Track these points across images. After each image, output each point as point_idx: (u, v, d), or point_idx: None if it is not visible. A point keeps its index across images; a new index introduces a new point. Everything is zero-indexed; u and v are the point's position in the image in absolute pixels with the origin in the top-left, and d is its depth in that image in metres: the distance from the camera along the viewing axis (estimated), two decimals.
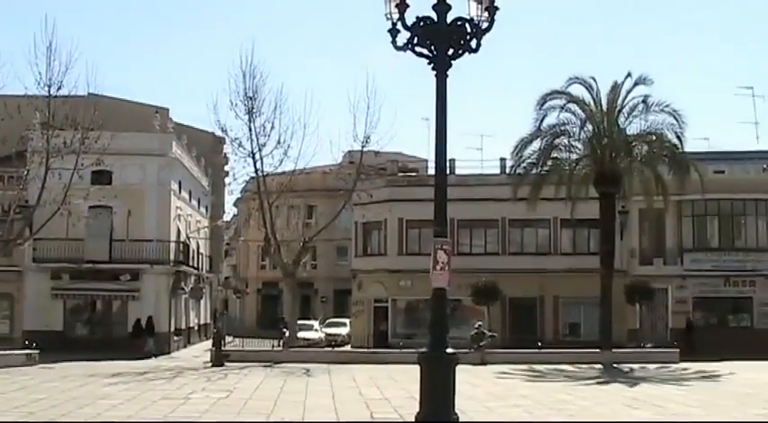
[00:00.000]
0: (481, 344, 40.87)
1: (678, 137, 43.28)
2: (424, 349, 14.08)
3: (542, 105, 43.57)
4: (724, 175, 52.51)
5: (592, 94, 44.39)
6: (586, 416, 19.90)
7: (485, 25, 14.09)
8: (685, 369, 35.98)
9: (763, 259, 52.08)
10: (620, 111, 44.36)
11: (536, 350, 41.74)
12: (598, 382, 30.37)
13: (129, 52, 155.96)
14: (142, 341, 48.16)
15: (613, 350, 41.44)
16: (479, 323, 44.49)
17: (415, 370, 13.89)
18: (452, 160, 54.71)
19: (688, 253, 52.65)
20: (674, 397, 24.56)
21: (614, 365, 37.69)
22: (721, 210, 52.82)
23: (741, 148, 56.86)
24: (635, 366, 37.20)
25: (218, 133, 49.82)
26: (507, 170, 49.28)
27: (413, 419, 13.96)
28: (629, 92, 44.30)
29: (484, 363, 37.62)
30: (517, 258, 54.48)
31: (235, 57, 62.37)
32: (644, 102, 43.58)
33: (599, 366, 37.19)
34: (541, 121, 43.78)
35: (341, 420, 18.49)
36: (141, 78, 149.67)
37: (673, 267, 52.54)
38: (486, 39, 14.12)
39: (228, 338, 49.59)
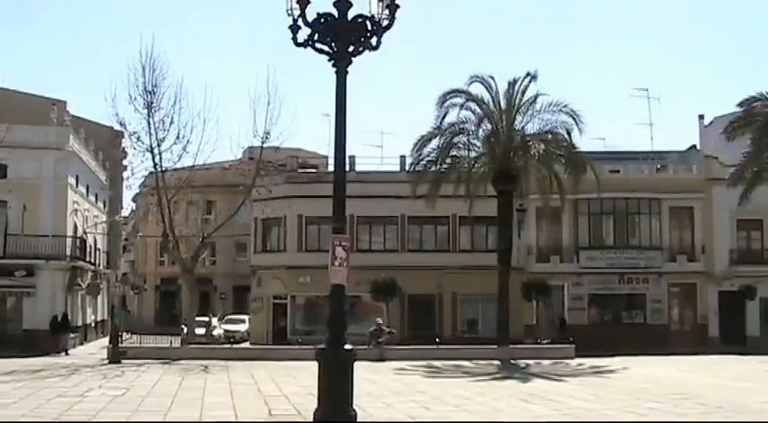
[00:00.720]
0: (380, 340, 41.01)
1: (571, 135, 44.00)
2: (322, 346, 14.10)
3: (443, 103, 43.88)
4: (619, 174, 53.66)
5: (491, 93, 44.84)
6: (483, 411, 20.11)
7: (385, 23, 14.16)
8: (580, 364, 36.59)
9: (656, 257, 53.28)
10: (517, 110, 44.84)
11: (434, 346, 41.97)
12: (495, 378, 30.68)
13: (25, 43, 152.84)
14: (57, 338, 47.67)
15: (510, 346, 41.93)
16: (378, 320, 44.67)
17: (314, 366, 13.90)
18: (352, 157, 54.85)
19: (584, 251, 53.57)
20: (570, 392, 24.95)
21: (511, 361, 38.10)
22: (616, 208, 53.81)
23: (636, 148, 58.24)
24: (531, 362, 37.67)
25: (117, 127, 49.09)
26: (407, 167, 49.57)
27: (311, 416, 13.97)
28: (525, 91, 44.88)
29: (382, 359, 37.73)
30: (416, 255, 54.83)
31: (134, 49, 61.49)
32: (534, 101, 44.28)
33: (496, 362, 37.55)
34: (442, 119, 44.09)
35: (239, 419, 18.39)
36: (38, 70, 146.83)
37: (569, 265, 53.42)
38: (387, 36, 14.22)
39: (126, 335, 48.88)
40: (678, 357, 41.41)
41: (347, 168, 14.85)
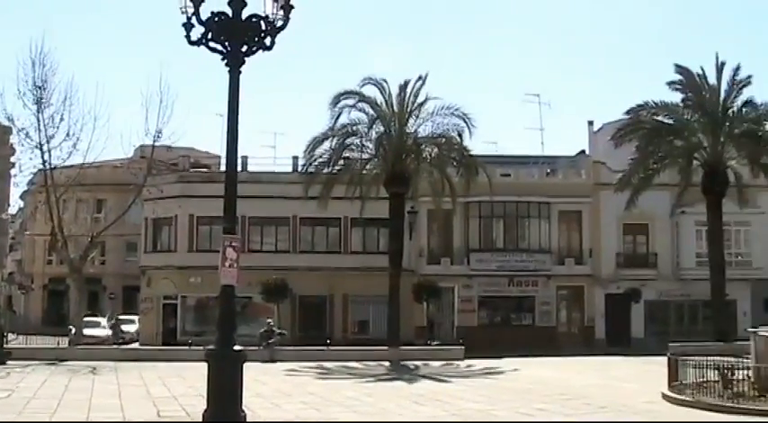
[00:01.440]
0: (270, 341, 40.87)
1: (463, 138, 44.44)
2: (211, 347, 14.05)
3: (336, 104, 43.92)
4: (510, 178, 54.36)
5: (384, 95, 45.04)
6: (372, 412, 20.22)
7: (280, 23, 14.18)
8: (470, 366, 36.95)
9: (545, 260, 54.10)
10: (410, 112, 45.14)
11: (325, 348, 41.97)
12: (385, 379, 30.84)
13: None
14: None
15: (401, 348, 42.14)
16: (269, 321, 44.54)
17: (205, 367, 13.84)
18: (245, 157, 54.67)
19: (474, 253, 54.06)
20: (460, 393, 25.23)
21: (402, 363, 38.26)
22: (507, 212, 54.42)
23: (527, 152, 59.00)
24: (421, 363, 37.90)
25: (5, 123, 47.92)
26: (299, 168, 49.49)
27: (200, 418, 13.90)
28: (418, 94, 45.18)
29: (273, 360, 37.61)
30: (307, 256, 54.72)
31: (24, 44, 60.50)
32: (424, 103, 44.67)
33: (387, 364, 37.68)
34: (335, 120, 44.12)
35: (127, 420, 18.19)
36: None
37: (459, 267, 53.84)
38: (282, 37, 14.23)
39: (11, 336, 47.81)
40: (566, 358, 42.08)
41: (239, 168, 14.86)
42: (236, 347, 13.76)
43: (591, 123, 62.51)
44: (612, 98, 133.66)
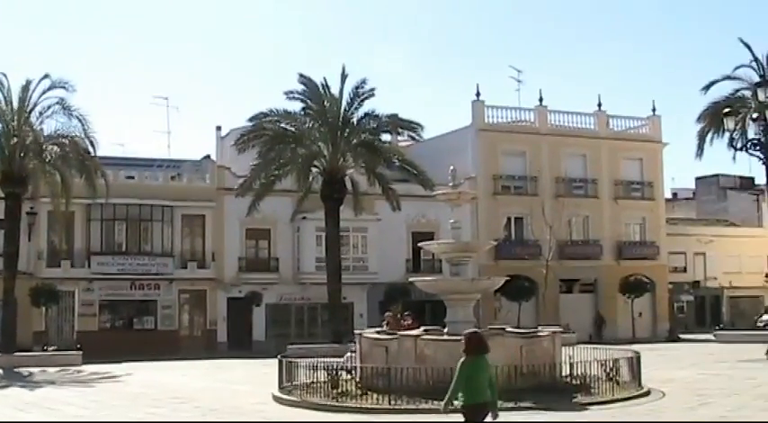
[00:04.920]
0: None
1: (90, 141, 43.55)
2: None
3: None
4: (134, 180, 53.73)
5: (2, 92, 43.38)
6: None
7: None
8: (87, 372, 36.22)
9: (168, 264, 53.86)
10: (31, 110, 43.73)
11: None
12: None
13: None
14: None
15: (16, 354, 40.70)
16: None
17: None
18: None
19: (96, 256, 52.87)
20: (71, 399, 24.76)
21: (16, 370, 37.00)
22: (130, 215, 53.60)
23: (155, 155, 58.67)
24: (38, 370, 36.79)
25: None
26: None
27: None
28: (44, 92, 43.77)
29: None
30: None
31: None
32: (42, 102, 43.63)
33: (0, 371, 36.35)
34: None
35: None
36: None
37: (80, 270, 52.47)
38: None
39: None
40: (186, 362, 42.20)
41: None
42: None
43: (219, 128, 63.18)
44: (244, 104, 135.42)
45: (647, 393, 23.03)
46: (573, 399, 21.97)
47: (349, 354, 26.92)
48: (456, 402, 13.08)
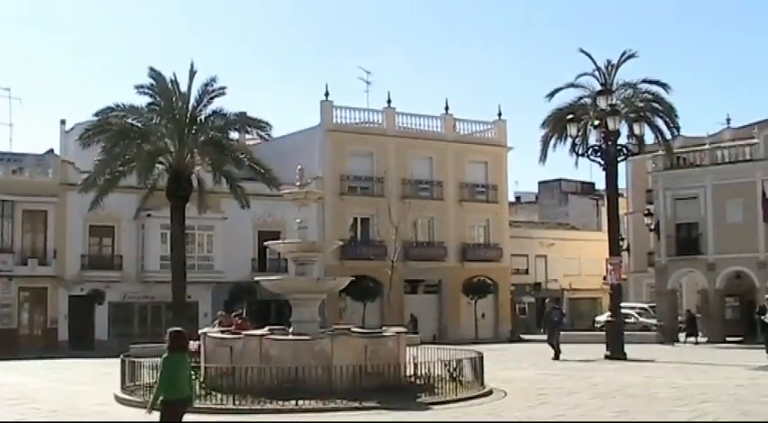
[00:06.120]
0: None
1: None
2: None
3: None
4: None
5: None
6: None
7: None
8: None
9: (7, 260, 52.12)
10: None
11: None
12: None
13: None
14: None
15: None
16: None
17: None
18: None
19: None
20: None
21: None
22: None
23: None
24: None
25: None
26: None
27: None
28: None
29: None
30: None
31: None
32: None
33: None
34: None
35: None
36: None
37: None
38: None
39: None
40: (26, 362, 41.10)
41: None
42: None
43: (63, 122, 61.58)
44: (94, 99, 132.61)
45: (489, 393, 23.54)
46: (417, 398, 22.32)
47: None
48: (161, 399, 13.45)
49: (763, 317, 37.51)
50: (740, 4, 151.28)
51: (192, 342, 28.42)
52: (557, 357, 38.10)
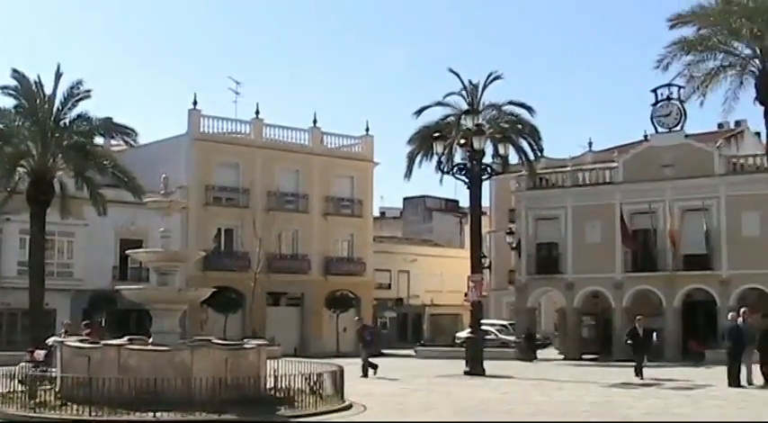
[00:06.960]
0: None
1: None
2: None
3: None
4: None
5: None
6: None
7: None
8: None
9: None
10: None
11: None
12: None
13: None
14: None
15: None
16: None
17: None
18: None
19: None
20: None
21: None
22: None
23: None
24: None
25: None
26: None
27: None
28: None
29: None
30: None
31: None
32: None
33: None
34: None
35: None
36: None
37: None
38: None
39: None
40: None
41: None
42: None
43: None
44: None
45: (349, 407, 23.60)
46: (277, 411, 22.22)
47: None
48: None
49: (629, 341, 37.75)
50: (604, 36, 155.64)
51: (37, 351, 28.16)
52: (365, 375, 36.47)
